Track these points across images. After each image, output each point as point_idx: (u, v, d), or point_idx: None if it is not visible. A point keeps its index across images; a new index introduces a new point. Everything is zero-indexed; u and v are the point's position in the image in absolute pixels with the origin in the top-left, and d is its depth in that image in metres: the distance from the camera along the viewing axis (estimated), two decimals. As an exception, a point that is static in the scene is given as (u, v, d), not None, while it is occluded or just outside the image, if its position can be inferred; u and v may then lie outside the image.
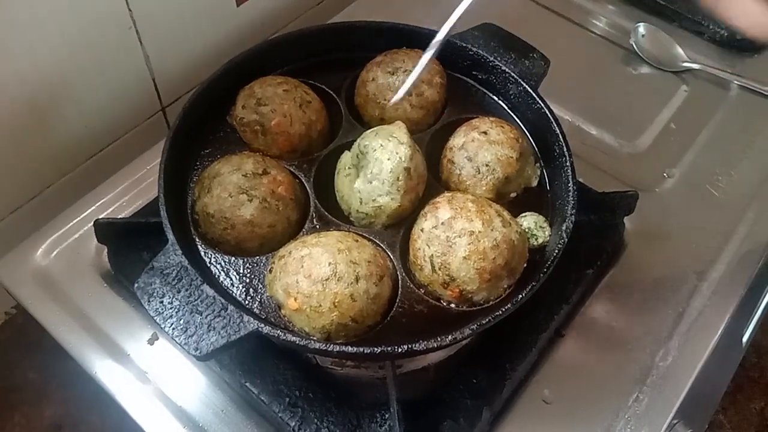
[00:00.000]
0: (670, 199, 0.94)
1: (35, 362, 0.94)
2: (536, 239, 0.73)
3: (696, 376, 0.78)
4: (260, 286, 0.68)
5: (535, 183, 0.79)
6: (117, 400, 0.74)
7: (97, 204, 0.88)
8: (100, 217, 0.82)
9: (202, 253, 0.70)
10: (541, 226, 0.74)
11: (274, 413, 0.70)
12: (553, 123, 0.77)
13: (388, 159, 0.70)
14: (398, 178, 0.70)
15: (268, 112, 0.76)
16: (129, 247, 0.81)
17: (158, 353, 0.77)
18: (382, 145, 0.71)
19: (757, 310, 0.94)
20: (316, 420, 0.69)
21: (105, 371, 0.75)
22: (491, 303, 0.68)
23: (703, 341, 0.80)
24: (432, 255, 0.67)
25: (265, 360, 0.73)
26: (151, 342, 0.77)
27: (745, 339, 0.94)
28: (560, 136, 0.76)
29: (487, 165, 0.74)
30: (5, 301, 0.94)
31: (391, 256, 0.71)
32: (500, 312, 0.63)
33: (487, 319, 0.63)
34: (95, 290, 0.81)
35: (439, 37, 0.70)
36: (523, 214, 0.75)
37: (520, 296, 0.64)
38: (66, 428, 0.90)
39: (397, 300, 0.68)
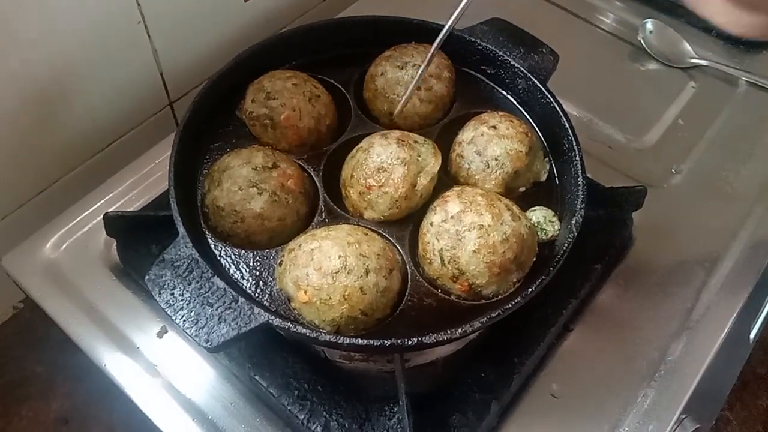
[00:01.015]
0: (678, 194, 0.94)
1: (42, 356, 0.94)
2: (545, 233, 0.73)
3: (704, 372, 0.78)
4: (270, 279, 0.68)
5: (544, 177, 0.79)
6: (126, 392, 0.74)
7: (106, 198, 0.89)
8: (109, 210, 0.82)
9: (212, 247, 0.70)
10: (550, 221, 0.74)
11: (283, 406, 0.70)
12: (563, 117, 0.77)
13: None
14: None
15: (278, 106, 0.76)
16: (138, 241, 0.81)
17: (167, 346, 0.77)
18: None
19: (764, 306, 0.94)
20: (325, 413, 0.70)
21: (114, 364, 0.75)
22: (500, 297, 0.69)
23: (710, 337, 0.80)
24: (441, 249, 0.67)
25: (273, 353, 0.73)
26: (160, 335, 0.78)
27: (752, 335, 0.93)
28: (569, 131, 0.76)
29: (496, 159, 0.74)
30: (12, 295, 0.94)
31: (400, 250, 0.71)
32: (509, 306, 0.63)
33: (496, 313, 0.63)
34: (104, 283, 0.81)
35: (441, 37, 0.70)
36: (533, 209, 0.75)
37: (530, 290, 0.64)
38: (73, 422, 0.91)
39: (407, 293, 0.68)
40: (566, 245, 0.67)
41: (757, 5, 0.49)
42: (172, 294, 0.62)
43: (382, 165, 0.71)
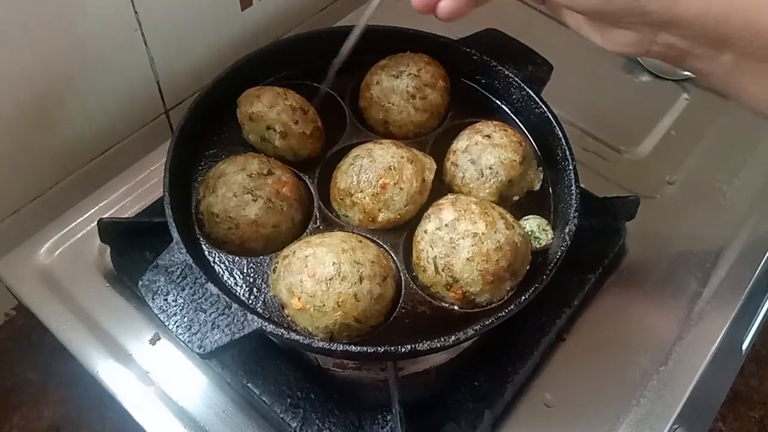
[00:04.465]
0: (672, 205, 0.95)
1: (35, 363, 0.94)
2: (539, 242, 0.73)
3: (696, 382, 0.78)
4: (264, 285, 0.68)
5: (537, 186, 0.80)
6: (119, 400, 0.73)
7: (101, 204, 0.88)
8: (104, 217, 0.82)
9: (207, 253, 0.70)
10: (543, 229, 0.74)
11: (276, 414, 0.70)
12: (556, 127, 0.78)
13: None
14: None
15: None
16: (132, 247, 0.81)
17: (160, 353, 0.77)
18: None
19: (756, 317, 0.94)
20: (317, 421, 0.69)
21: (107, 371, 0.75)
22: (494, 305, 0.69)
23: (703, 347, 0.80)
24: (435, 256, 0.67)
25: (267, 361, 0.73)
26: (153, 342, 0.77)
27: (744, 347, 0.94)
28: (563, 140, 0.77)
29: (490, 168, 0.75)
30: (5, 302, 0.94)
31: (395, 258, 0.71)
32: (503, 313, 0.63)
33: (490, 321, 0.63)
34: (98, 290, 0.81)
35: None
36: (526, 217, 0.76)
37: (523, 298, 0.64)
38: (65, 429, 0.90)
39: (400, 301, 0.68)
40: (559, 254, 0.68)
41: (615, 22, 0.49)
42: (166, 300, 0.62)
43: (391, 164, 0.72)
